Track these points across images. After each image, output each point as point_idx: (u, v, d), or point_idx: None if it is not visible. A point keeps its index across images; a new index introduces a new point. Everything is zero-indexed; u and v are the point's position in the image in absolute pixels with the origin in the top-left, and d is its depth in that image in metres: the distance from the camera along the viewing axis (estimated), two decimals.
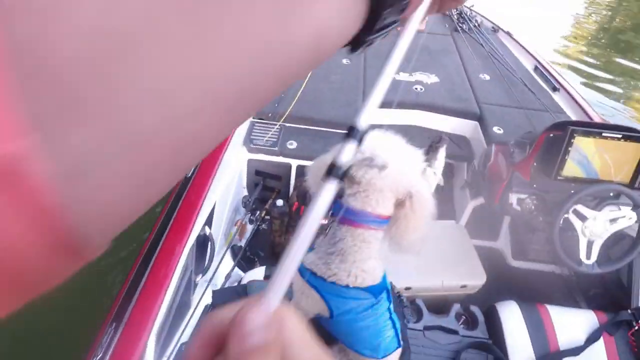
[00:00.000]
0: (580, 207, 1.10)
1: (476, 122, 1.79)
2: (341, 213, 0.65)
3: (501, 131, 1.67)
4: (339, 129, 1.63)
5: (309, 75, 1.87)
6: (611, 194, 1.10)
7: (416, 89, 1.91)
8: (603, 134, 1.03)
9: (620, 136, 1.03)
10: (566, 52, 4.33)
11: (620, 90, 3.67)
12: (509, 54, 2.33)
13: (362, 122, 0.20)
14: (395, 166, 0.65)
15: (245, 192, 1.66)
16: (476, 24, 2.59)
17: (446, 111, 1.82)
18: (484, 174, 1.42)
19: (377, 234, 0.67)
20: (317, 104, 1.74)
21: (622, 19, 5.88)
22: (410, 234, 0.66)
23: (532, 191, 1.19)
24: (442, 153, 1.18)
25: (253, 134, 1.60)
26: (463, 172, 1.80)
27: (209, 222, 1.24)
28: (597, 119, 1.74)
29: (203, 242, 1.20)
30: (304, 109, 1.69)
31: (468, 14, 2.71)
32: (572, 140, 1.04)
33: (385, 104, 1.49)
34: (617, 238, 1.23)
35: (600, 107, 3.32)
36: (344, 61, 2.08)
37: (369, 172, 0.64)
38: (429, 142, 1.20)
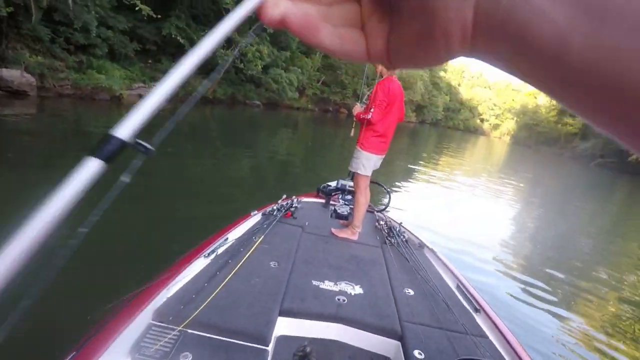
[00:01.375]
0: None
1: (398, 343, 1.67)
2: None
3: (422, 356, 1.54)
4: (246, 342, 1.45)
5: (228, 277, 1.80)
6: None
7: (339, 299, 1.85)
8: None
9: None
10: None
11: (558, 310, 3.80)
12: (434, 270, 2.44)
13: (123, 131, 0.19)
14: None
15: None
16: (404, 239, 2.80)
17: (367, 327, 1.71)
18: None
19: None
20: (229, 309, 1.59)
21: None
22: None
23: None
24: None
25: (145, 339, 1.36)
26: None
27: None
28: (516, 344, 1.68)
29: None
30: (213, 313, 1.53)
31: (397, 229, 2.98)
32: None
33: (304, 314, 1.38)
34: None
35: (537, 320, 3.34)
36: (272, 264, 2.06)
37: None
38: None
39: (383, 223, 3.12)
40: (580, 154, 44.72)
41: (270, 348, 1.46)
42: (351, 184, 3.76)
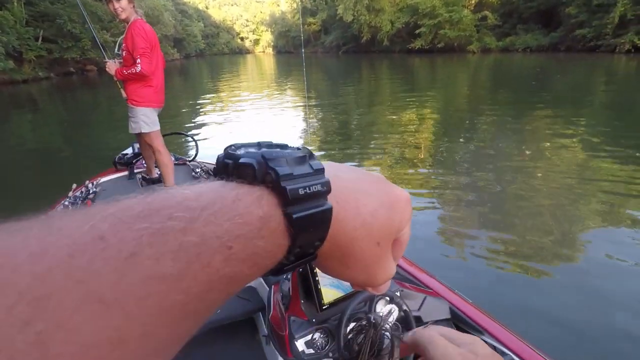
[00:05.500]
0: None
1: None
2: None
3: None
4: None
5: None
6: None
7: None
8: None
9: None
10: None
11: None
12: None
13: None
14: None
15: None
16: None
17: None
18: (272, 327, 1.31)
19: None
20: None
21: None
22: None
23: (313, 328, 1.13)
24: None
25: None
26: (262, 324, 1.65)
27: None
28: None
29: None
30: None
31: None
32: (315, 270, 1.06)
33: None
34: None
35: None
36: None
37: None
38: None
39: (200, 170, 2.97)
40: (329, 46, 51.85)
41: None
42: None
